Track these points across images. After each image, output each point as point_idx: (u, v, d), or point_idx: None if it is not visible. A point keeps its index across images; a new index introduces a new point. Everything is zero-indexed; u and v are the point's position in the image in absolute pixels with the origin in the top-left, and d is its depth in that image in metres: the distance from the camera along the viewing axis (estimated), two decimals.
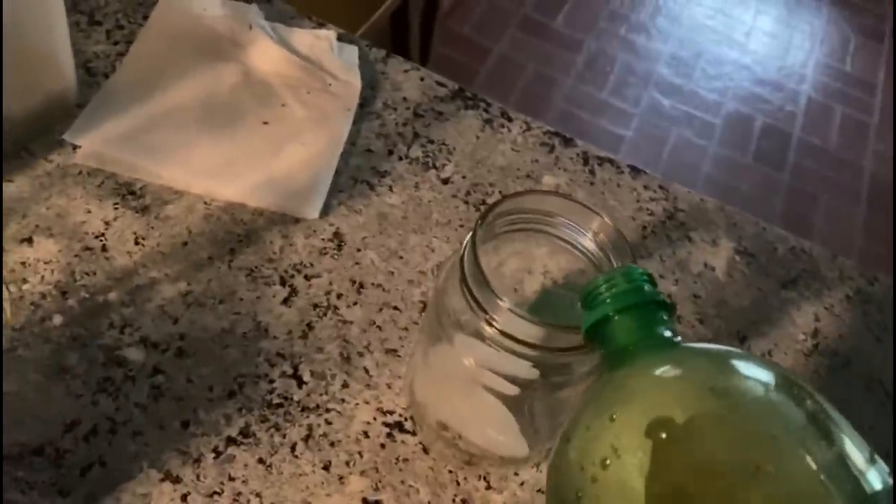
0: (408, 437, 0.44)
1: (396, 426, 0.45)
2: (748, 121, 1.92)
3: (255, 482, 0.41)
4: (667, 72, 1.97)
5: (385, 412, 0.45)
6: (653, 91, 1.92)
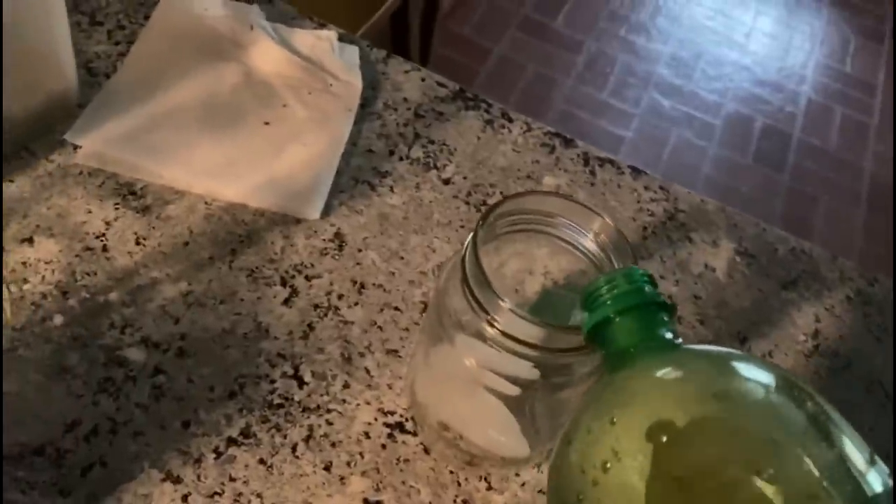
0: (409, 438, 0.44)
1: (397, 427, 0.45)
2: (748, 122, 1.92)
3: (256, 483, 0.41)
4: (667, 72, 1.97)
5: (386, 413, 0.45)
6: (653, 92, 1.92)
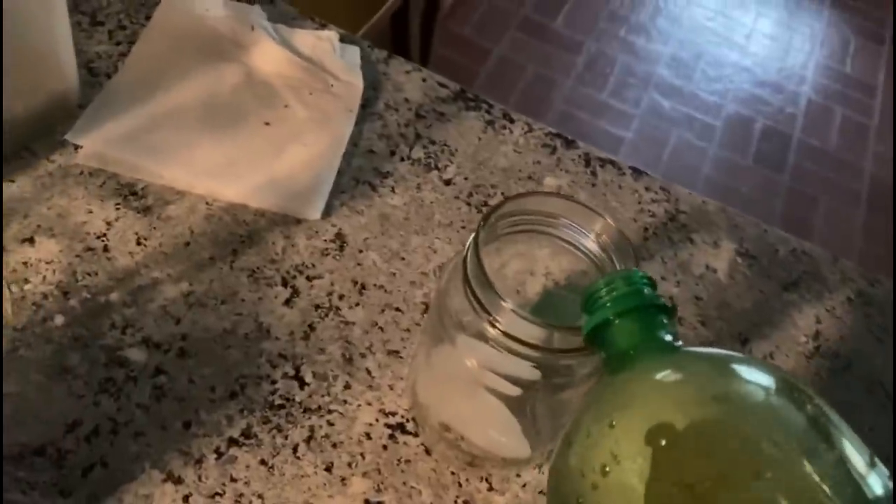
0: (410, 439, 0.44)
1: (398, 427, 0.45)
2: (748, 123, 1.92)
3: (257, 483, 0.41)
4: (667, 73, 1.97)
5: (387, 413, 0.45)
6: (653, 92, 1.92)
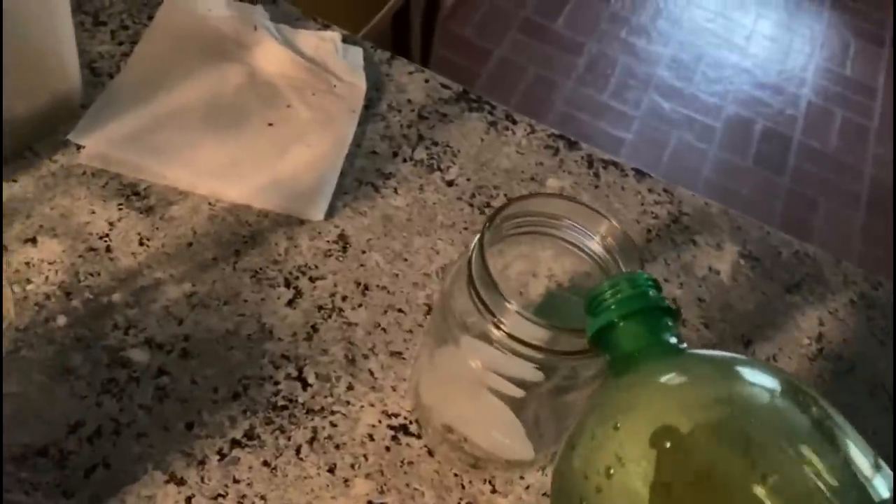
0: (413, 440, 0.44)
1: (401, 429, 0.45)
2: (748, 124, 1.92)
3: (260, 485, 0.41)
4: (667, 75, 1.97)
5: (390, 415, 0.45)
6: (653, 94, 1.92)
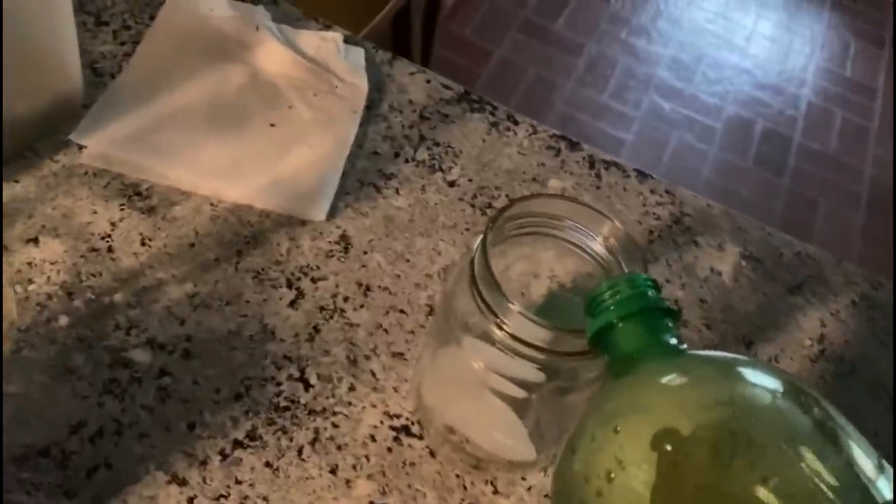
0: (415, 441, 0.44)
1: (403, 430, 0.45)
2: (748, 125, 1.92)
3: (262, 485, 0.41)
4: (667, 75, 1.97)
5: (392, 416, 0.45)
6: (653, 95, 1.92)
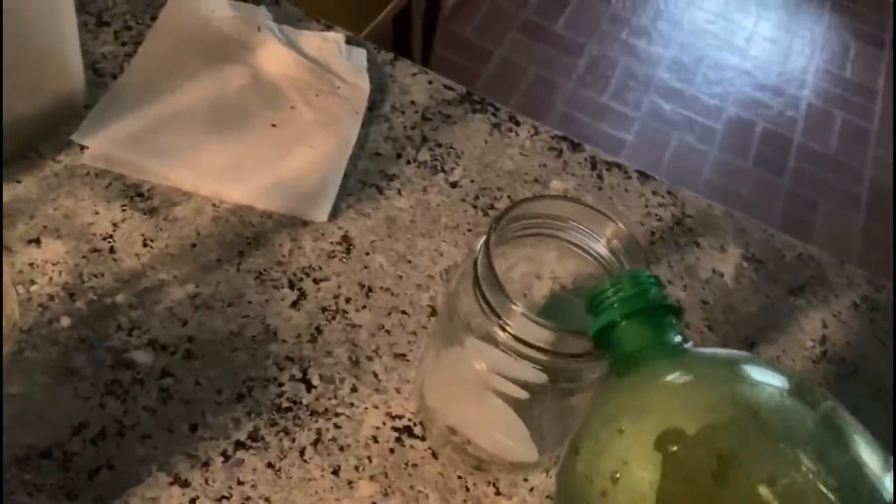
0: (417, 442, 0.44)
1: (405, 431, 0.45)
2: (749, 126, 1.92)
3: (264, 486, 0.41)
4: (668, 76, 1.97)
5: (394, 417, 0.45)
6: (654, 95, 1.92)
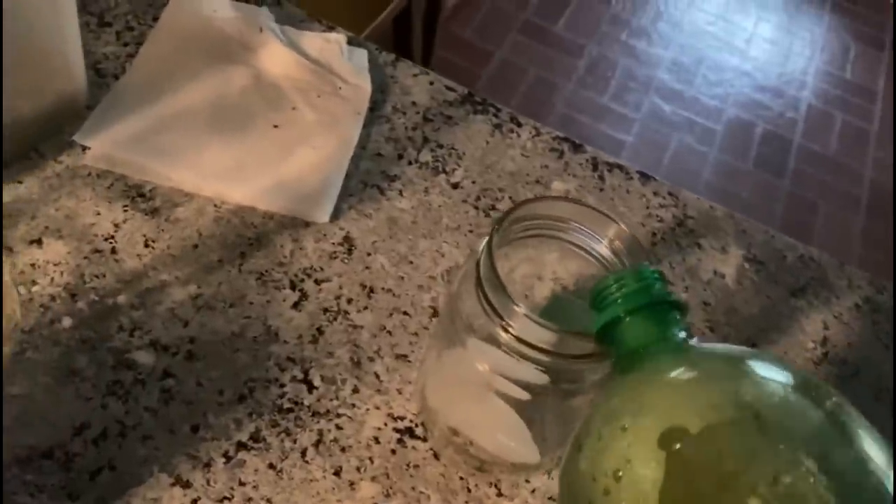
0: (418, 443, 0.44)
1: (407, 432, 0.45)
2: (749, 127, 1.92)
3: (266, 487, 0.41)
4: (668, 77, 1.97)
5: (396, 418, 0.45)
6: (654, 97, 1.92)
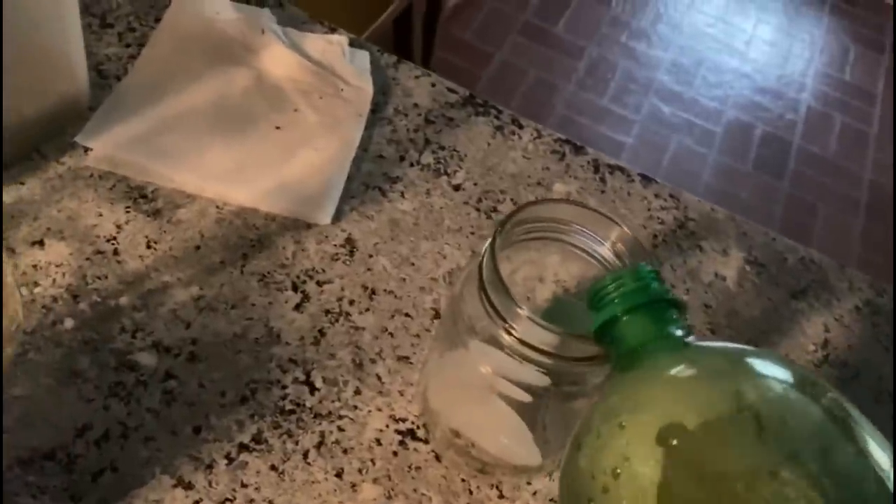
0: (420, 445, 0.44)
1: (409, 434, 0.45)
2: (748, 129, 1.92)
3: (268, 489, 0.41)
4: (667, 79, 1.97)
5: (397, 419, 0.45)
6: (653, 98, 1.92)
